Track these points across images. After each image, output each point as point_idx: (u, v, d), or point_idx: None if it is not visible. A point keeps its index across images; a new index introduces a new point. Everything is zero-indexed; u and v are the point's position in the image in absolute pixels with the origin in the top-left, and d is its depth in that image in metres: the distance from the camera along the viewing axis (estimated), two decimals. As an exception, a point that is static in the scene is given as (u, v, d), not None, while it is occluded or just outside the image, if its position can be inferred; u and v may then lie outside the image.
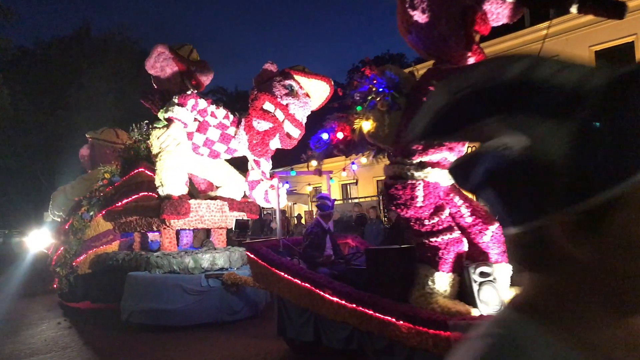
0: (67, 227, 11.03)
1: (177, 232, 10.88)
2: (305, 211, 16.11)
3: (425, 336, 3.91)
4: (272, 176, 5.99)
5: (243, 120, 7.63)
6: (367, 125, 4.43)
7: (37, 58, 27.76)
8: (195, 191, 9.91)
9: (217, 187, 9.00)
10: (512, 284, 4.37)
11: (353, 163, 5.91)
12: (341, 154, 5.35)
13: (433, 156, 4.12)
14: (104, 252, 10.26)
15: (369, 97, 4.34)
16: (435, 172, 4.14)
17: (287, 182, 7.12)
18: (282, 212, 10.47)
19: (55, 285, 11.45)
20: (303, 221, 13.67)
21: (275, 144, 7.83)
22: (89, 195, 10.64)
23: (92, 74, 26.47)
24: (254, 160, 8.18)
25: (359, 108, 4.69)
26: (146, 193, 10.26)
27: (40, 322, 8.95)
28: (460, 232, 4.23)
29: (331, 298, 4.75)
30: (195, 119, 7.75)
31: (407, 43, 4.47)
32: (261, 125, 7.55)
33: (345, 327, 4.79)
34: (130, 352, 6.49)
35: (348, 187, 21.23)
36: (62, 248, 11.02)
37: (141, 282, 7.54)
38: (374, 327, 4.37)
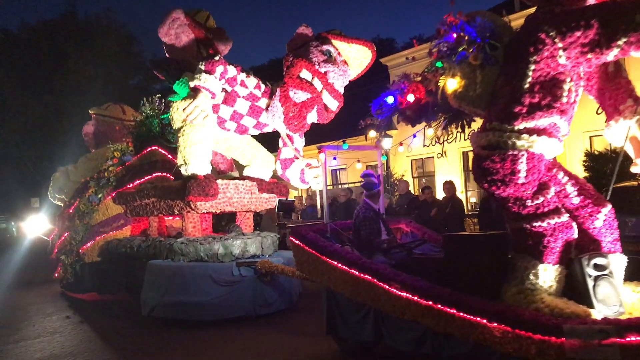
0: (71, 211, 10.56)
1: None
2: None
3: (527, 342, 3.38)
4: (319, 150, 5.46)
5: (278, 90, 7.05)
6: (452, 84, 3.85)
7: (22, 42, 27.99)
8: (214, 171, 9.43)
9: (244, 167, 8.49)
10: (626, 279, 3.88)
11: (414, 136, 5.39)
12: (406, 122, 4.81)
13: (540, 121, 3.56)
14: (114, 238, 9.81)
15: (460, 49, 3.79)
16: (542, 141, 3.57)
17: (335, 158, 6.58)
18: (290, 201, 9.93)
19: (56, 275, 11.05)
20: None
21: (312, 117, 7.29)
22: (97, 176, 10.15)
23: (79, 58, 26.90)
24: (288, 135, 7.66)
25: (439, 64, 4.14)
26: (160, 173, 9.74)
27: (46, 317, 8.50)
28: (568, 215, 3.72)
29: (399, 293, 4.26)
30: (223, 89, 7.21)
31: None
32: (298, 95, 6.99)
33: (416, 327, 4.30)
34: (158, 351, 6.06)
35: (338, 172, 20.68)
36: (66, 234, 10.57)
37: (165, 271, 7.05)
38: (455, 329, 3.86)
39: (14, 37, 28.69)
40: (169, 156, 9.96)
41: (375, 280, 4.44)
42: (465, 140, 6.04)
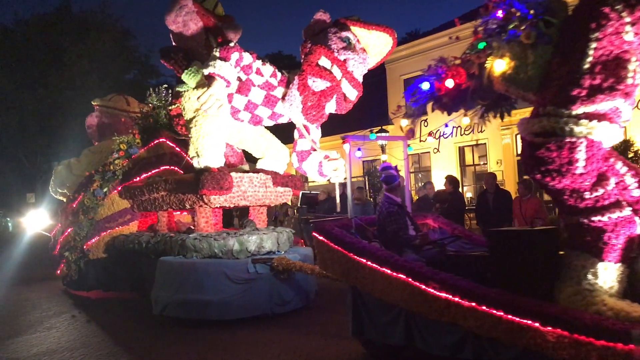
0: (75, 205, 10.28)
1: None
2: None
3: (587, 348, 3.10)
4: (344, 140, 5.17)
5: (296, 78, 6.75)
6: (500, 66, 3.56)
7: (17, 36, 28.11)
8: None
9: (258, 159, 8.20)
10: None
11: (446, 125, 5.08)
12: (442, 110, 4.52)
13: (601, 105, 3.26)
14: (120, 233, 9.55)
15: (510, 26, 3.49)
16: (602, 127, 3.27)
17: (359, 149, 6.30)
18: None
19: (59, 272, 10.79)
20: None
21: (331, 107, 7.00)
22: (102, 169, 9.86)
23: (73, 53, 26.90)
24: (304, 126, 7.37)
25: (481, 45, 3.84)
26: (168, 167, 9.49)
27: (51, 316, 8.22)
28: (630, 209, 3.44)
29: (438, 293, 3.99)
30: (237, 78, 6.91)
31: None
32: (317, 84, 6.69)
33: (455, 330, 4.03)
34: (169, 352, 5.79)
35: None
36: (69, 230, 10.29)
37: (177, 269, 6.78)
38: (501, 333, 3.57)
39: (9, 31, 28.79)
40: (177, 149, 9.69)
41: (410, 279, 4.16)
42: (462, 135, 5.79)
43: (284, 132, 8.97)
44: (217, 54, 6.52)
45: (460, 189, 10.77)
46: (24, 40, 27.98)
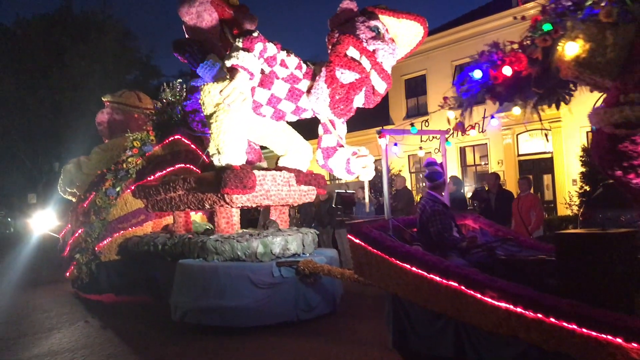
0: (86, 205, 9.98)
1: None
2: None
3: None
4: (380, 135, 4.83)
5: (324, 69, 6.39)
6: (572, 49, 3.21)
7: (18, 37, 28.19)
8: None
9: (280, 156, 7.86)
10: None
11: (492, 117, 4.73)
12: (494, 100, 4.17)
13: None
14: (134, 234, 9.24)
15: (586, 3, 3.13)
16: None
17: (396, 144, 5.94)
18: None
19: (68, 274, 10.50)
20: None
21: (359, 100, 6.64)
22: (114, 168, 9.55)
23: (75, 53, 27.04)
24: (330, 121, 7.02)
25: (546, 27, 3.48)
26: (183, 165, 9.18)
27: (63, 322, 7.92)
28: None
29: (496, 303, 3.64)
30: (261, 70, 6.57)
31: None
32: (345, 76, 6.33)
33: (514, 343, 3.68)
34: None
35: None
36: (80, 231, 9.99)
37: (198, 272, 6.44)
38: (572, 348, 3.21)
39: (10, 31, 28.90)
40: (193, 146, 9.39)
41: (463, 287, 3.81)
42: (463, 135, 5.47)
43: (305, 128, 8.64)
44: (240, 45, 6.17)
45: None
46: (25, 40, 28.04)
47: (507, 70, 3.75)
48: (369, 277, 4.70)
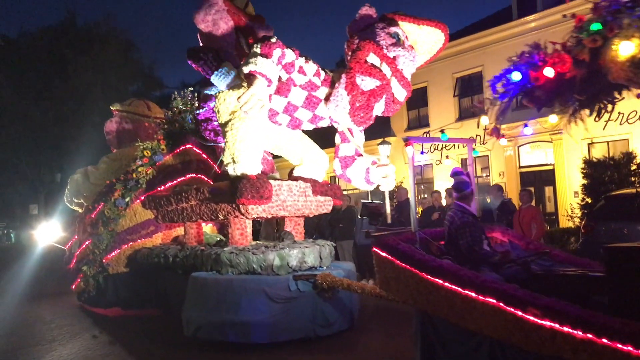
0: (94, 216, 9.82)
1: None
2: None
3: None
4: (406, 142, 4.65)
5: (343, 76, 6.24)
6: (628, 48, 3.04)
7: (22, 48, 28.43)
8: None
9: (295, 166, 7.68)
10: None
11: (526, 125, 4.55)
12: (532, 104, 3.99)
13: None
14: (142, 246, 9.06)
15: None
16: None
17: (423, 152, 5.76)
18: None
19: (74, 286, 10.30)
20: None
21: (379, 108, 6.48)
22: (123, 177, 9.39)
23: (78, 65, 27.34)
24: (348, 129, 6.86)
25: (595, 26, 3.31)
26: (194, 175, 9.04)
27: (70, 336, 7.72)
28: None
29: (539, 322, 3.42)
30: (278, 77, 6.42)
31: None
32: (366, 82, 6.17)
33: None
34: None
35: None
36: (87, 242, 9.81)
37: (212, 286, 6.24)
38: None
39: (13, 43, 29.20)
40: (204, 155, 9.25)
41: (502, 304, 3.59)
42: (464, 147, 5.32)
43: (322, 137, 8.48)
44: (258, 50, 6.02)
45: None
46: (28, 52, 28.32)
47: (549, 72, 3.57)
48: (395, 292, 4.50)
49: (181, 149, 9.08)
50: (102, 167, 10.79)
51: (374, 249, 4.53)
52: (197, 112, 8.93)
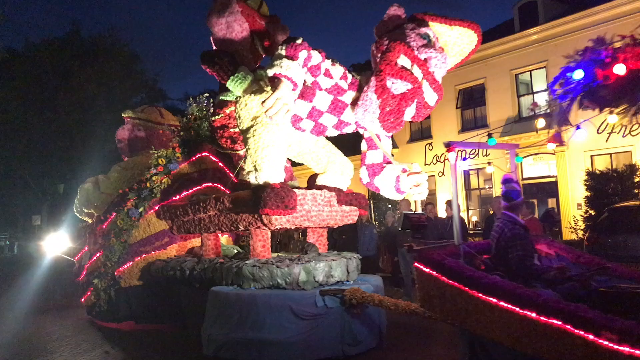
0: (105, 227, 9.54)
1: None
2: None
3: None
4: (449, 148, 4.35)
5: (373, 79, 5.95)
6: None
7: (26, 60, 28.73)
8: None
9: (319, 174, 7.37)
10: None
11: (578, 127, 4.24)
12: (595, 105, 3.68)
13: None
14: (156, 258, 8.76)
15: None
16: None
17: (465, 159, 5.45)
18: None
19: (83, 300, 10.02)
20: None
21: (410, 113, 6.18)
22: (137, 187, 9.11)
23: (82, 77, 27.66)
24: (377, 135, 6.56)
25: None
26: (210, 184, 8.74)
27: (81, 352, 7.45)
28: None
29: (615, 347, 3.09)
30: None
31: None
32: (397, 86, 5.87)
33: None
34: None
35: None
36: (98, 254, 9.53)
37: (234, 301, 5.91)
38: None
39: (18, 55, 29.46)
40: (220, 164, 8.96)
41: (570, 326, 3.26)
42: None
43: (346, 143, 8.19)
44: (284, 52, 5.75)
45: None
46: (33, 64, 28.54)
47: (620, 69, 3.25)
48: (439, 311, 4.17)
49: (197, 157, 8.79)
50: (114, 176, 10.53)
51: (416, 264, 4.21)
52: (213, 118, 8.67)
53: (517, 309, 3.50)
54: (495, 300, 3.63)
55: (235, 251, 8.49)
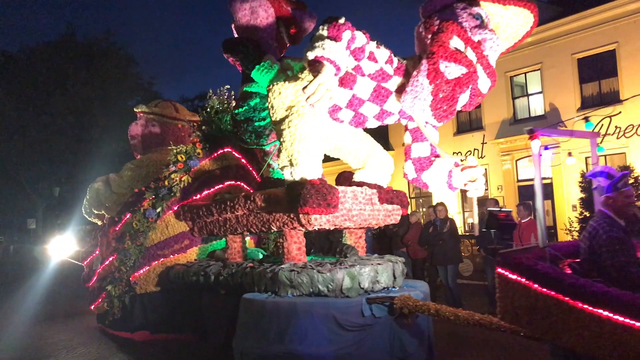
0: (118, 229, 9.03)
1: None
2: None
3: None
4: (532, 136, 3.82)
5: (424, 62, 5.39)
6: None
7: (21, 63, 29.25)
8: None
9: (356, 170, 6.84)
10: None
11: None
12: None
13: None
14: (175, 262, 8.24)
15: None
16: None
17: (547, 148, 4.91)
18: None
19: (93, 307, 9.52)
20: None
21: (463, 100, 5.64)
22: (154, 185, 8.60)
23: (77, 80, 28.12)
24: (424, 125, 6.02)
25: None
26: (233, 182, 8.23)
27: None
28: None
29: None
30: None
31: None
32: (450, 70, 5.32)
33: None
34: None
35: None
36: (111, 258, 9.02)
37: (271, 311, 5.35)
38: None
39: (13, 58, 29.88)
40: (243, 160, 8.46)
41: None
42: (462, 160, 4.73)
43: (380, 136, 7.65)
44: (325, 33, 5.21)
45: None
46: (28, 67, 28.80)
47: None
48: (527, 324, 3.61)
49: (219, 152, 8.28)
50: (127, 175, 10.03)
51: (499, 269, 3.67)
52: (236, 111, 8.16)
53: (636, 322, 2.96)
54: (605, 312, 3.09)
55: (261, 255, 7.98)
